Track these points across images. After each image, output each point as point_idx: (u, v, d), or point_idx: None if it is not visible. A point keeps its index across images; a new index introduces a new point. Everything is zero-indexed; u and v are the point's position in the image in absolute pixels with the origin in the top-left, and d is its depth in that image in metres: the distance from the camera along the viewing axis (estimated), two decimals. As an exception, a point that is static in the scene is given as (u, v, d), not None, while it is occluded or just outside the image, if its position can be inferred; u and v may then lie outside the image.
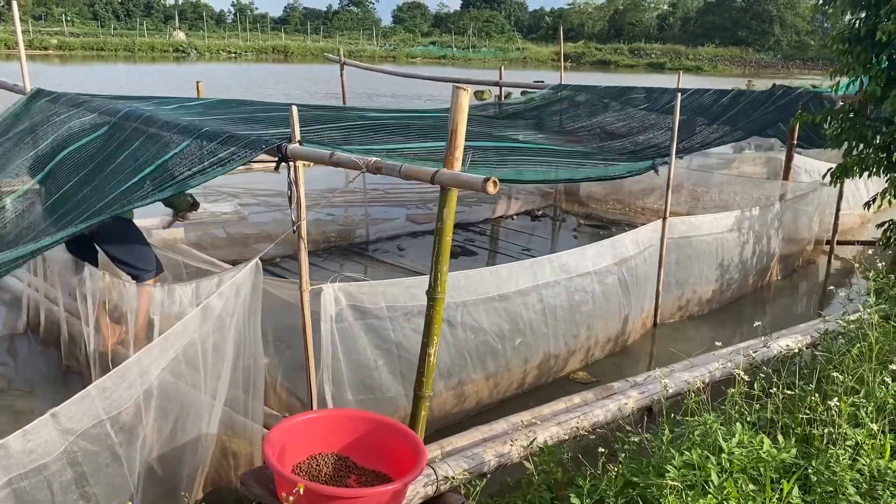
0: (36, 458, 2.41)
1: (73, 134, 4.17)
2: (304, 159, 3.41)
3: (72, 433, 2.50)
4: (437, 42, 75.25)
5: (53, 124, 4.37)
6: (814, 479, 2.71)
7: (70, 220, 3.33)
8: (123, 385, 2.69)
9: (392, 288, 3.96)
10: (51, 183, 3.87)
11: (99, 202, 3.36)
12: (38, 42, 47.54)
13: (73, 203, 3.53)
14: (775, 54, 69.24)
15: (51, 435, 2.45)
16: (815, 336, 4.99)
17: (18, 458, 2.36)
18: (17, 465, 2.36)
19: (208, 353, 3.13)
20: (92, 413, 2.57)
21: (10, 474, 2.34)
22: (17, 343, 5.30)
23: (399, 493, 2.86)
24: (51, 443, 2.46)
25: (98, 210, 3.30)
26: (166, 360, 2.90)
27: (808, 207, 7.90)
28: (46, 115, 4.58)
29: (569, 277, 5.01)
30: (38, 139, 4.28)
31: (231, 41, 60.89)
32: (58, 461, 2.49)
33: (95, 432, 2.59)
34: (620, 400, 4.09)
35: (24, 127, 4.51)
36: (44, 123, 4.46)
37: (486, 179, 2.66)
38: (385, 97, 26.30)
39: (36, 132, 4.38)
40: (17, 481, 2.36)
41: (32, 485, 2.41)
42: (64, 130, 4.26)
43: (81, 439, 2.55)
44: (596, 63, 62.73)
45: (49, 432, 2.44)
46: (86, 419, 2.55)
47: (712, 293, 6.75)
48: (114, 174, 3.58)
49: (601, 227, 9.38)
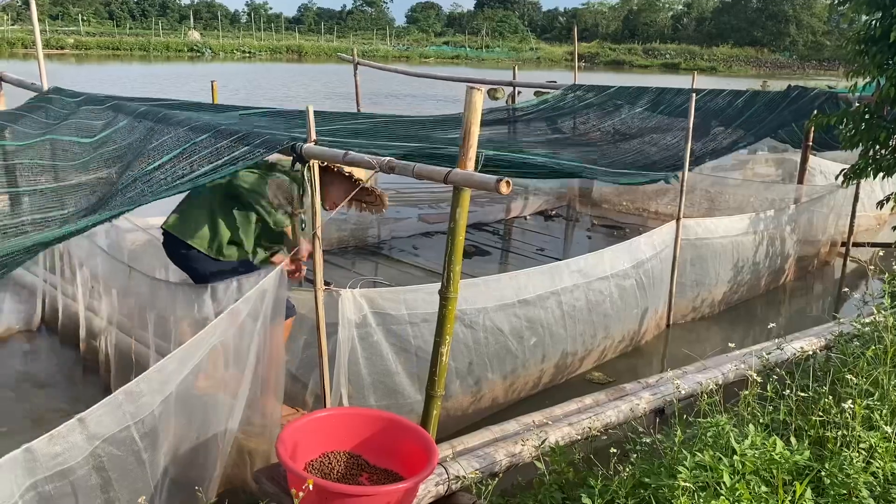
0: (61, 462, 2.41)
1: (89, 130, 4.20)
2: (319, 158, 3.42)
3: (98, 438, 2.50)
4: (451, 42, 75.33)
5: (69, 121, 4.42)
6: (827, 482, 2.70)
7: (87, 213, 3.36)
8: (151, 390, 2.69)
9: (412, 294, 3.97)
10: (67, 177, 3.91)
11: (116, 196, 3.39)
12: (55, 41, 47.98)
13: (91, 196, 3.57)
14: (791, 55, 68.83)
15: (77, 439, 2.45)
16: (830, 338, 4.96)
17: (44, 461, 2.36)
18: (43, 469, 2.35)
19: (232, 357, 3.14)
20: (119, 418, 2.57)
21: (34, 477, 2.34)
22: (34, 339, 5.35)
23: (410, 491, 2.87)
24: (77, 447, 2.45)
25: (117, 204, 3.33)
26: (193, 363, 2.89)
27: (824, 209, 7.86)
28: (64, 113, 4.63)
29: (587, 282, 5.02)
30: (55, 135, 4.31)
31: (245, 41, 61.24)
32: (83, 465, 2.49)
33: (122, 437, 2.60)
34: (632, 401, 4.09)
35: (43, 123, 4.55)
36: (61, 120, 4.51)
37: (499, 180, 2.66)
38: (398, 97, 26.37)
39: (54, 129, 4.42)
40: (42, 484, 2.36)
41: (57, 489, 2.41)
42: (81, 127, 4.30)
43: (108, 444, 2.55)
44: (610, 63, 62.59)
45: (75, 437, 2.44)
46: (113, 424, 2.55)
47: (725, 295, 6.73)
48: (130, 168, 3.62)
49: (615, 227, 9.37)
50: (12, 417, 4.37)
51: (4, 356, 5.12)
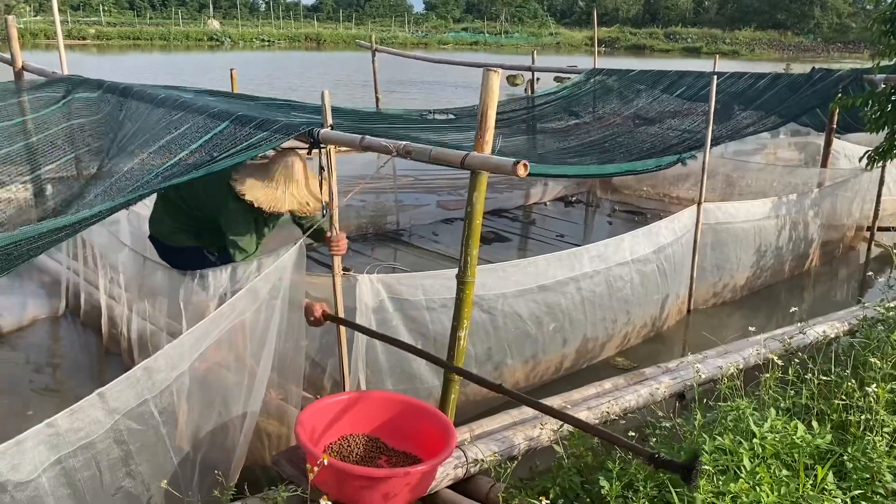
0: (83, 437, 2.46)
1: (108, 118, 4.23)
2: (336, 143, 3.43)
3: (118, 412, 2.55)
4: (470, 28, 74.88)
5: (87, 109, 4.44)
6: (849, 466, 2.68)
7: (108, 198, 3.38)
8: (168, 365, 2.73)
9: (431, 280, 3.97)
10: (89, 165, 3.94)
11: (134, 181, 3.41)
12: (77, 32, 48.32)
13: (110, 182, 3.59)
14: (815, 37, 67.59)
15: (98, 414, 2.50)
16: (854, 323, 4.91)
17: (67, 436, 2.41)
18: (66, 444, 2.41)
19: (251, 335, 3.16)
20: (137, 392, 2.62)
21: (59, 452, 2.39)
22: (57, 326, 5.43)
23: (428, 474, 2.88)
24: (97, 422, 2.51)
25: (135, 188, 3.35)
26: (209, 341, 2.92)
27: (848, 193, 7.74)
28: (84, 102, 4.65)
29: (607, 267, 4.99)
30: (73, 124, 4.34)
31: (264, 29, 61.31)
32: (105, 439, 2.54)
33: (140, 411, 2.64)
34: (652, 385, 4.06)
35: (62, 113, 4.58)
36: (81, 110, 4.53)
37: (515, 162, 2.65)
38: (416, 85, 26.30)
39: (72, 118, 4.44)
40: (67, 459, 2.41)
41: (81, 462, 2.47)
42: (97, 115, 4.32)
43: (127, 418, 2.60)
44: (630, 48, 61.90)
45: (96, 411, 2.49)
46: (131, 398, 2.60)
47: (748, 280, 6.67)
48: (148, 155, 3.64)
49: (636, 213, 9.30)
50: (38, 401, 4.45)
51: (30, 342, 5.20)
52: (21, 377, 4.72)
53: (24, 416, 4.22)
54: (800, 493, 2.47)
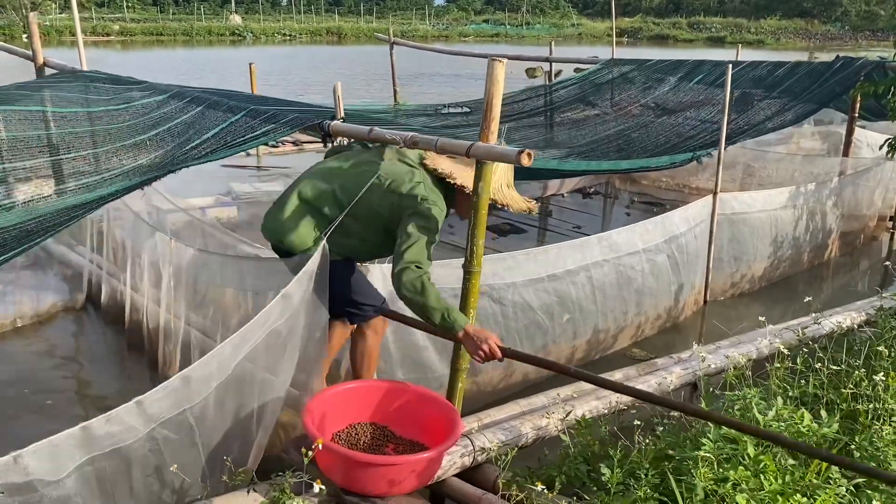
0: (117, 441, 2.47)
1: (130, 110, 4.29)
2: (345, 135, 3.51)
3: (154, 420, 2.57)
4: (491, 20, 74.63)
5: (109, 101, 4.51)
6: (856, 455, 2.66)
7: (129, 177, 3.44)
8: (206, 375, 2.74)
9: (441, 269, 3.97)
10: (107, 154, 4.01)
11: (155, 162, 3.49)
12: (101, 28, 48.88)
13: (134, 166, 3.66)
14: (843, 26, 66.44)
15: (135, 421, 2.51)
16: (871, 313, 4.85)
17: (100, 440, 2.42)
18: (98, 447, 2.43)
19: (281, 339, 3.16)
20: (175, 402, 2.63)
21: (91, 453, 2.42)
22: (79, 318, 5.52)
23: (434, 461, 2.91)
24: (133, 429, 2.52)
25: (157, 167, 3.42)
26: (247, 349, 2.93)
27: (870, 183, 7.62)
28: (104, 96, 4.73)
29: (617, 256, 4.97)
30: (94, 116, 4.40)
31: (286, 24, 61.61)
32: (140, 447, 2.56)
33: (178, 420, 2.66)
34: (662, 376, 4.05)
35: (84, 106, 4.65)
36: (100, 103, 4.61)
37: (519, 151, 2.66)
38: (434, 77, 26.27)
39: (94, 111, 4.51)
40: (99, 461, 2.44)
41: (112, 466, 2.49)
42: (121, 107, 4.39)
43: (163, 427, 2.61)
44: (653, 38, 61.37)
45: (133, 419, 2.51)
46: (169, 408, 2.61)
47: (766, 270, 6.61)
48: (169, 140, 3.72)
49: (654, 204, 9.23)
50: (59, 391, 4.54)
51: (52, 333, 5.30)
52: (41, 367, 4.81)
53: (44, 406, 4.32)
54: (805, 481, 2.46)
